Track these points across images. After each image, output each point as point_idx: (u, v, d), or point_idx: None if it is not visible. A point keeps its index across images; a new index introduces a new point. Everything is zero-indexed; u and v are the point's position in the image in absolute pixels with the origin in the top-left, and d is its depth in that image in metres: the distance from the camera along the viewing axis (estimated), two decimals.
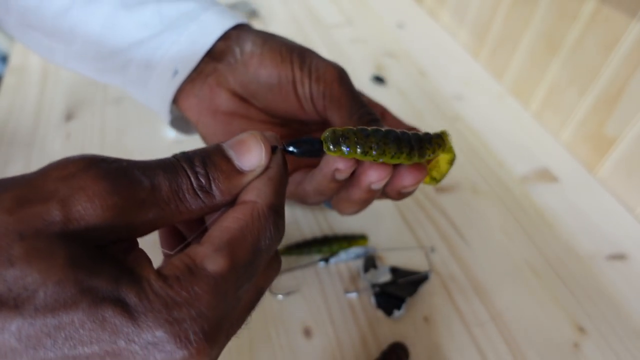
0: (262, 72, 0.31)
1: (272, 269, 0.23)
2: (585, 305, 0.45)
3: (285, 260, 0.47)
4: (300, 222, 0.50)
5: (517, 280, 0.47)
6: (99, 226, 0.17)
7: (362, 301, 0.44)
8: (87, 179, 0.17)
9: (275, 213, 0.21)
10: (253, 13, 0.88)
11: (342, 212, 0.30)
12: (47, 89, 0.69)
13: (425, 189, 0.55)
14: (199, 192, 0.20)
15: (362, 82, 0.72)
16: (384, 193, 0.29)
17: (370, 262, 0.46)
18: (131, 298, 0.16)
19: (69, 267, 0.16)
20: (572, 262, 0.49)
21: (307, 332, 0.41)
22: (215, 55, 0.33)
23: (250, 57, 0.31)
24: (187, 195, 0.20)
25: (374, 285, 0.44)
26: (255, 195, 0.21)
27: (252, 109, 0.33)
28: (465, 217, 0.53)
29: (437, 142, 0.26)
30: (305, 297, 0.44)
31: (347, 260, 0.47)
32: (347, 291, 0.44)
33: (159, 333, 0.16)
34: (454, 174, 0.58)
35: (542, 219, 0.53)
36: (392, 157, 0.24)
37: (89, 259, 0.17)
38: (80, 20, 0.34)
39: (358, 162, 0.26)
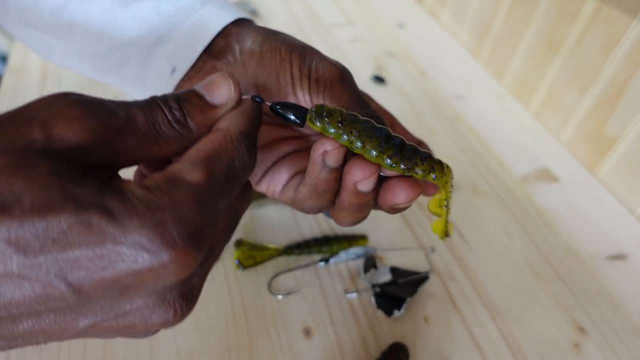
0: (261, 72, 0.30)
1: (246, 194, 0.24)
2: (586, 305, 0.45)
3: (285, 260, 0.47)
4: (300, 222, 0.50)
5: (517, 280, 0.47)
6: (79, 147, 0.18)
7: (362, 301, 0.44)
8: (64, 105, 0.19)
9: (247, 139, 0.22)
10: (253, 13, 0.88)
11: (339, 222, 0.29)
12: (47, 89, 0.69)
13: None
14: (174, 124, 0.21)
15: (362, 82, 0.72)
16: (378, 206, 0.28)
17: (370, 262, 0.46)
18: (115, 204, 0.17)
19: (53, 176, 0.17)
20: (573, 262, 0.49)
21: (307, 332, 0.41)
22: (214, 52, 0.32)
23: (249, 57, 0.31)
24: (163, 127, 0.21)
25: (374, 286, 0.44)
26: (228, 123, 0.22)
27: None
28: (466, 217, 0.53)
29: (432, 163, 0.24)
30: (305, 297, 0.44)
31: (347, 260, 0.47)
32: (347, 291, 0.44)
33: (145, 233, 0.17)
34: (455, 174, 0.57)
35: (542, 219, 0.53)
36: (373, 153, 0.23)
37: (72, 172, 0.17)
38: (77, 16, 0.34)
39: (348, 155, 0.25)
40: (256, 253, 0.46)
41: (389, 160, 0.23)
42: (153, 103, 0.21)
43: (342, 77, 0.29)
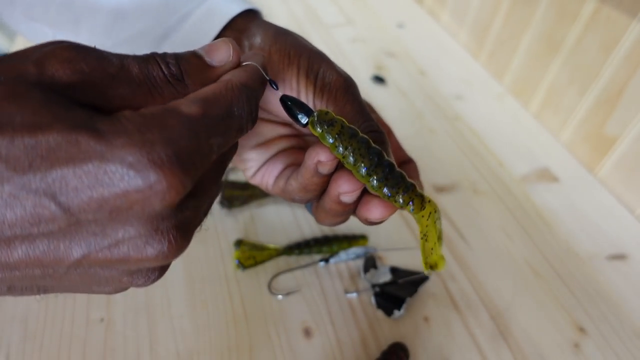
0: (268, 71, 0.30)
1: (234, 146, 0.24)
2: (586, 305, 0.45)
3: (285, 260, 0.47)
4: (300, 222, 0.50)
5: (517, 280, 0.47)
6: (71, 85, 0.19)
7: (362, 301, 0.44)
8: (58, 48, 0.19)
9: (249, 91, 0.22)
10: None
11: (318, 220, 0.29)
12: None
13: (425, 189, 0.55)
14: (170, 79, 0.21)
15: (362, 82, 0.72)
16: (354, 214, 0.28)
17: (370, 262, 0.46)
18: (105, 125, 0.17)
19: (45, 103, 0.17)
20: (572, 262, 0.49)
21: (307, 332, 0.41)
22: None
23: None
24: (158, 80, 0.21)
25: (374, 286, 0.44)
26: (230, 76, 0.23)
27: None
28: (466, 217, 0.53)
29: (413, 196, 0.24)
30: (305, 297, 0.44)
31: (347, 260, 0.47)
32: (347, 291, 0.44)
33: (132, 151, 0.17)
34: (455, 174, 0.58)
35: (542, 219, 0.53)
36: (362, 172, 0.24)
37: (64, 101, 0.18)
38: (85, 10, 0.34)
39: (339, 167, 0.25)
40: (256, 253, 0.46)
41: (374, 183, 0.24)
42: (150, 57, 0.21)
43: (346, 87, 0.29)
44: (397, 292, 0.43)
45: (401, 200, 0.24)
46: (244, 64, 0.24)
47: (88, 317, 0.41)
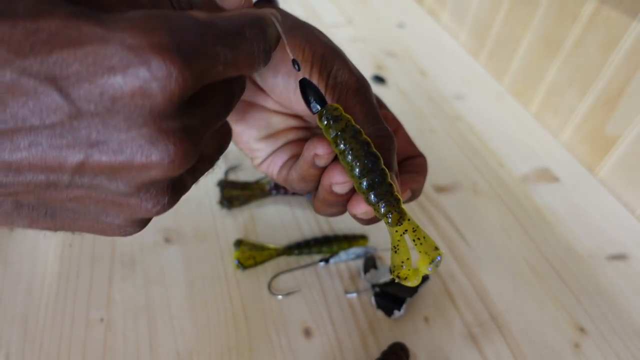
0: (282, 67, 0.30)
1: (243, 82, 0.24)
2: (586, 305, 0.45)
3: (285, 261, 0.47)
4: (300, 222, 0.50)
5: (517, 280, 0.47)
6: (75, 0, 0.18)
7: (362, 301, 0.44)
8: None
9: (264, 22, 0.21)
10: None
11: (316, 209, 0.30)
12: None
13: (425, 189, 0.55)
14: (177, 8, 0.21)
15: None
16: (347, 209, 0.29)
17: (370, 262, 0.46)
18: (109, 16, 0.17)
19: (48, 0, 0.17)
20: (573, 262, 0.49)
21: (307, 332, 0.41)
22: None
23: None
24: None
25: (374, 286, 0.44)
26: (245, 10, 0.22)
27: (269, 100, 0.33)
28: (466, 217, 0.53)
29: (392, 210, 0.25)
30: (305, 297, 0.44)
31: (347, 260, 0.47)
32: (347, 291, 0.44)
33: (132, 33, 0.16)
34: (455, 174, 0.58)
35: (542, 218, 0.53)
36: (355, 172, 0.25)
37: (68, 3, 0.18)
38: None
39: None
40: (256, 253, 0.46)
41: (363, 186, 0.25)
42: None
43: (357, 88, 0.29)
44: (397, 292, 0.43)
45: (382, 210, 0.25)
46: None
47: (88, 317, 0.41)
